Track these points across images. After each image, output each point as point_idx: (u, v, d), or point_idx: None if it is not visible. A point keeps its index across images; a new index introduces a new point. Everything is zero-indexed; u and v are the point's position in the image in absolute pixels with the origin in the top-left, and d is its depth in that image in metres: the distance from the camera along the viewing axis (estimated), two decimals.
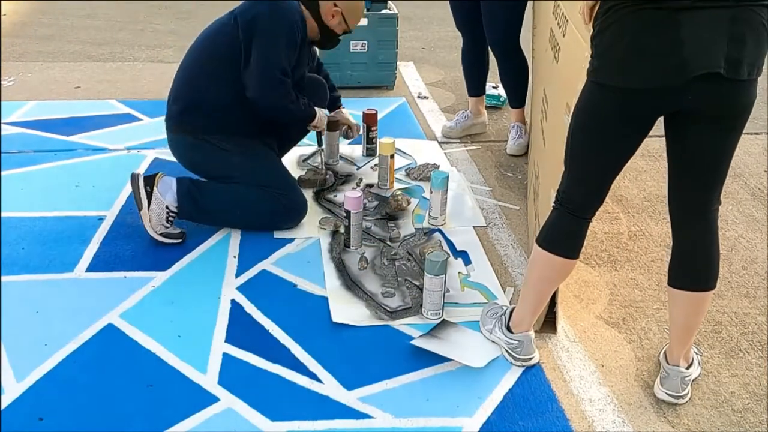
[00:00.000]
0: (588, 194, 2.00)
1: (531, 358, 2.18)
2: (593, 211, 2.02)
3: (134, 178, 2.71)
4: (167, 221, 2.70)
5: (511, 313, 2.22)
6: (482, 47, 3.57)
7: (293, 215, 2.84)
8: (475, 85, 3.74)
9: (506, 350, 2.20)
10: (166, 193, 2.69)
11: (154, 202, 2.67)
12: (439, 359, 2.19)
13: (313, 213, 2.96)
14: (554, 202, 2.04)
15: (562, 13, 2.41)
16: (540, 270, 2.10)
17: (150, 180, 2.70)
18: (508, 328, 2.20)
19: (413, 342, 2.23)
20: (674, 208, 1.99)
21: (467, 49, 3.67)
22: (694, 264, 1.99)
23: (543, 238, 2.06)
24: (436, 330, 2.30)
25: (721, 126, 1.81)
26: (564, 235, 2.03)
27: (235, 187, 2.77)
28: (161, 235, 2.69)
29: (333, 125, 3.26)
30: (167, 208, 2.68)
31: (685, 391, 2.07)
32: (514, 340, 2.18)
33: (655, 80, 1.74)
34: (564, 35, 2.36)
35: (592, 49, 1.84)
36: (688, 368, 2.10)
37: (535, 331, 2.25)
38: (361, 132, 3.40)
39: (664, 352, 2.14)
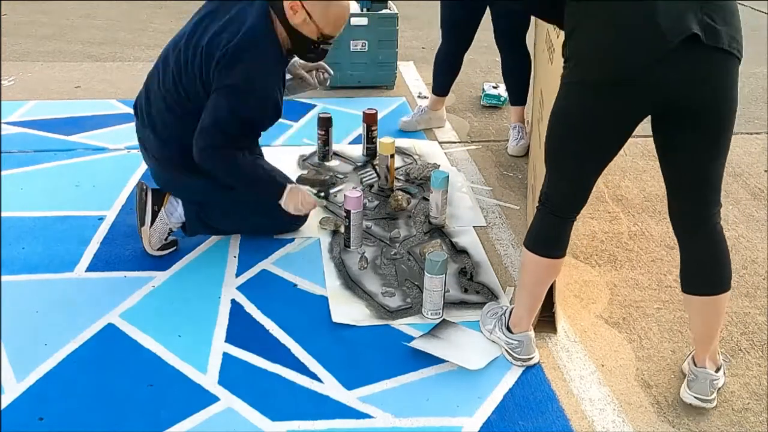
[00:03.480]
0: (568, 195, 2.00)
1: (531, 358, 2.18)
2: (576, 211, 2.02)
3: (142, 190, 2.62)
4: (165, 240, 2.67)
5: (510, 313, 2.22)
6: (461, 51, 3.63)
7: (295, 225, 2.82)
8: (443, 86, 3.78)
9: (506, 350, 2.20)
10: (173, 214, 2.64)
11: (159, 222, 2.62)
12: (440, 359, 2.19)
13: (313, 213, 2.96)
14: (537, 203, 2.05)
15: None
16: (529, 271, 2.11)
17: (158, 199, 2.63)
18: (508, 328, 2.20)
19: (412, 344, 2.23)
20: (675, 218, 1.98)
21: (446, 50, 3.68)
22: (704, 269, 1.98)
23: (528, 239, 2.08)
24: (436, 330, 2.30)
25: (707, 126, 1.79)
26: (547, 235, 2.04)
27: (241, 206, 2.70)
28: (158, 250, 2.66)
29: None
30: (170, 230, 2.67)
31: (713, 395, 2.04)
32: (514, 340, 2.18)
33: (635, 60, 1.72)
34: (558, 36, 2.37)
35: (566, 50, 1.83)
36: (716, 371, 2.07)
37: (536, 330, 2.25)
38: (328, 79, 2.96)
39: (691, 357, 2.11)
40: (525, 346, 2.17)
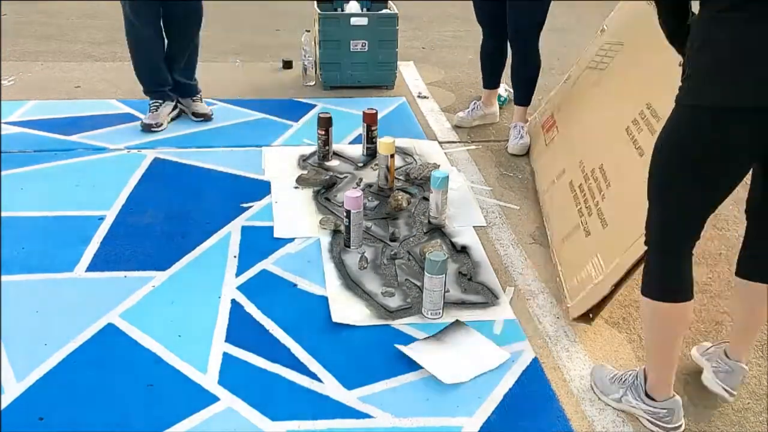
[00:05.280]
0: (688, 229, 1.79)
1: (680, 426, 1.95)
2: (694, 244, 1.83)
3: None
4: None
5: (645, 376, 1.97)
6: (501, 42, 3.65)
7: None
8: (491, 79, 3.87)
9: (650, 420, 1.96)
10: None
11: None
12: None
13: (313, 213, 2.97)
14: (651, 247, 1.85)
15: None
16: (664, 325, 1.87)
17: None
18: (648, 395, 1.96)
19: (400, 347, 2.23)
20: (755, 208, 1.91)
21: (486, 43, 3.77)
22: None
23: (653, 289, 1.84)
24: (443, 332, 2.29)
25: None
26: (677, 278, 1.82)
27: None
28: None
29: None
30: None
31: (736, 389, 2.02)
32: (663, 408, 1.94)
33: (756, 93, 1.56)
34: (610, 55, 2.30)
35: (689, 68, 1.65)
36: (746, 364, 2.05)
37: (573, 319, 2.25)
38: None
39: (721, 348, 2.07)
40: (675, 413, 1.92)
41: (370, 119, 3.41)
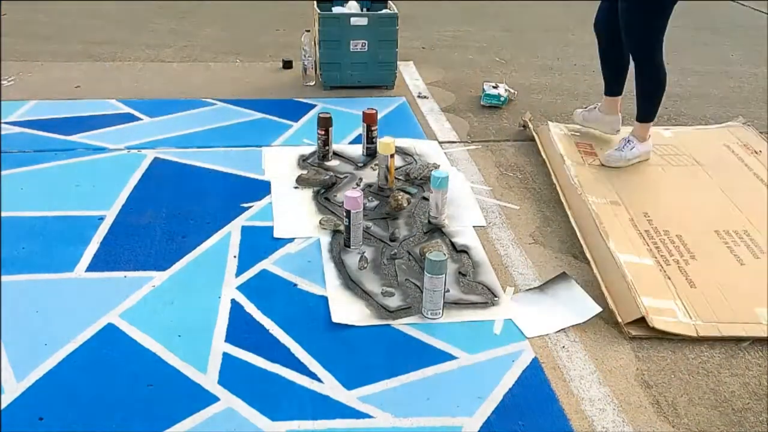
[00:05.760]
0: None
1: None
2: None
3: None
4: None
5: None
6: (620, 47, 3.36)
7: None
8: (610, 85, 3.57)
9: None
10: None
11: None
12: (439, 359, 2.20)
13: (313, 213, 2.97)
14: None
15: None
16: None
17: None
18: None
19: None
20: None
21: (605, 48, 3.48)
22: None
23: None
24: (546, 284, 2.44)
25: None
26: None
27: None
28: None
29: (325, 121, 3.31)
30: None
31: None
32: None
33: None
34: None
35: None
36: None
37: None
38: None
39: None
40: None
41: (370, 119, 3.41)
